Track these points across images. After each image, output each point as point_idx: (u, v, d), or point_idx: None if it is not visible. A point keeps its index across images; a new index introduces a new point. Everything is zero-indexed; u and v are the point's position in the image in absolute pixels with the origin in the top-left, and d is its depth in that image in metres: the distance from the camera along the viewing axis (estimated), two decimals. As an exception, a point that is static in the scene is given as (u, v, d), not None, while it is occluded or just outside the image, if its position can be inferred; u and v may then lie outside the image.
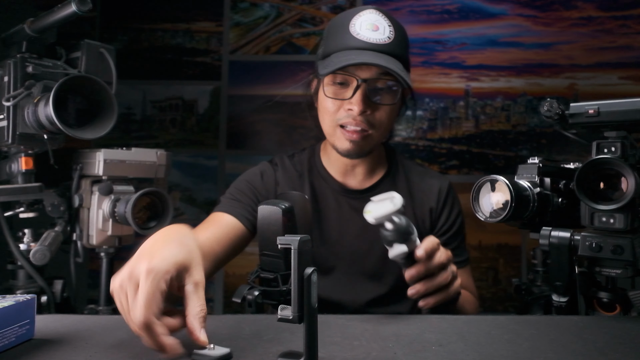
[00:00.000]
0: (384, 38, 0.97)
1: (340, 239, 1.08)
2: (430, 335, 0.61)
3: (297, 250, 0.48)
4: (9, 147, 1.13)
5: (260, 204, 0.73)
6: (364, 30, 0.97)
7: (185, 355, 0.53)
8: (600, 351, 0.55)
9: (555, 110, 0.72)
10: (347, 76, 0.96)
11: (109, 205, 1.18)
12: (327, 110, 1.00)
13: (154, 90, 2.12)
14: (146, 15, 2.13)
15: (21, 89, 1.08)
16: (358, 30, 0.97)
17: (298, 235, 0.49)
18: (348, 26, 0.98)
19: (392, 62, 0.94)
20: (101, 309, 1.21)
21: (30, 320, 0.59)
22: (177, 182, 2.11)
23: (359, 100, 0.95)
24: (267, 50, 2.09)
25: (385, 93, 0.99)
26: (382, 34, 0.97)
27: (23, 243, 1.15)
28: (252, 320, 0.67)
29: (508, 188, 0.72)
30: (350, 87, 0.97)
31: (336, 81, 0.98)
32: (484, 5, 2.03)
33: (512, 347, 0.57)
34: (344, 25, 0.99)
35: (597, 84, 1.98)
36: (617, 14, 1.97)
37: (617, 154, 0.70)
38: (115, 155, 1.20)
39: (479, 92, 2.02)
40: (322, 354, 0.54)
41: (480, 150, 2.02)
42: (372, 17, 0.99)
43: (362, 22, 0.98)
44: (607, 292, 0.75)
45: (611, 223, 0.70)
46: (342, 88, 0.98)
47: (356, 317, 0.69)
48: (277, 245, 0.50)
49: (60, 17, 1.03)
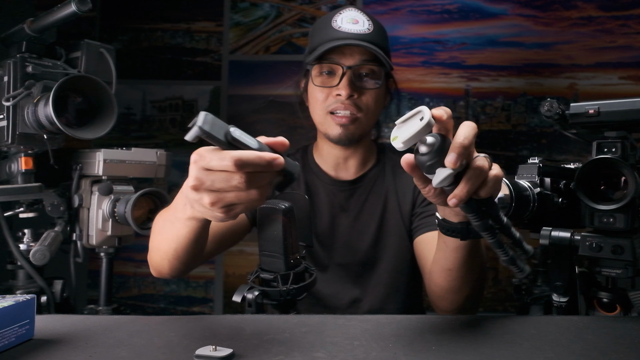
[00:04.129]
0: (363, 29, 1.06)
1: (332, 232, 1.11)
2: (430, 335, 0.61)
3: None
4: (9, 147, 1.13)
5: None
6: (345, 23, 1.06)
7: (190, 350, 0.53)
8: (600, 351, 0.55)
9: (556, 110, 0.72)
10: (332, 65, 1.05)
11: (108, 205, 1.18)
12: (317, 99, 1.07)
13: (154, 90, 2.11)
14: (146, 15, 2.13)
15: (21, 89, 1.08)
16: (339, 24, 1.07)
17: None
18: (330, 22, 1.08)
19: (373, 47, 1.03)
20: (101, 309, 1.21)
21: (30, 320, 0.59)
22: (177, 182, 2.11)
23: (346, 85, 1.03)
24: (267, 50, 2.09)
25: (369, 78, 1.07)
26: (361, 26, 1.06)
27: (23, 243, 1.15)
28: (252, 320, 0.67)
29: (508, 188, 0.72)
30: (336, 76, 1.05)
31: (323, 71, 1.07)
32: (484, 5, 2.02)
33: (512, 347, 0.56)
34: (326, 22, 1.09)
35: (597, 84, 1.98)
36: (617, 14, 1.97)
37: (617, 154, 0.70)
38: (115, 155, 1.20)
39: (479, 92, 2.02)
40: (322, 354, 0.54)
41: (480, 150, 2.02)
42: (352, 13, 1.09)
43: (343, 17, 1.08)
44: (607, 292, 0.75)
45: (611, 223, 0.70)
46: (329, 77, 1.06)
47: (356, 317, 0.69)
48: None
49: (60, 17, 1.03)
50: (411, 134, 0.55)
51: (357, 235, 1.10)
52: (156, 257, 0.87)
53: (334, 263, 1.10)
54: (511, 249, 0.66)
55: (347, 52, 1.04)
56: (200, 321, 0.67)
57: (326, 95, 1.06)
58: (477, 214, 0.61)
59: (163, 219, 0.84)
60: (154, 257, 0.89)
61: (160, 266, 0.88)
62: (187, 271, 0.88)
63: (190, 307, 2.07)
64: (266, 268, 0.73)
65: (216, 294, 2.06)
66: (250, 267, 0.79)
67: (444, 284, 0.91)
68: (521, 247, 0.66)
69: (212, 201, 0.55)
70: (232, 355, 0.52)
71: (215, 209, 0.56)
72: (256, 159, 0.53)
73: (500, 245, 0.64)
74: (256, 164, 0.53)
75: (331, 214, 1.11)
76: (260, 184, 0.55)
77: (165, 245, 0.81)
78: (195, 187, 0.55)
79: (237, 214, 0.58)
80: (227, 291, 2.05)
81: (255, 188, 0.54)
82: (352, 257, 1.10)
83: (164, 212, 0.87)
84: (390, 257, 1.09)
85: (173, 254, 0.80)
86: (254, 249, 0.78)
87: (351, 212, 1.11)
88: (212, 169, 0.54)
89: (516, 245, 0.66)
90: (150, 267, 0.92)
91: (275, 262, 0.72)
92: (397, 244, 1.09)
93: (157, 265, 0.89)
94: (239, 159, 0.52)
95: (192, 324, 0.66)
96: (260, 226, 0.73)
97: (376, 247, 1.10)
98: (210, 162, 0.54)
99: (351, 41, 1.03)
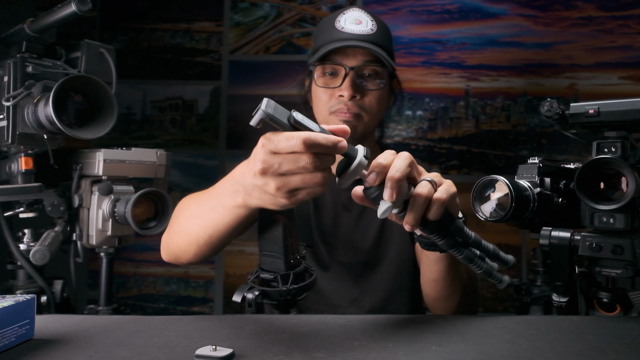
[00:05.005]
0: (367, 30, 1.06)
1: (335, 230, 1.11)
2: (430, 335, 0.61)
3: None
4: (9, 147, 1.13)
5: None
6: (348, 24, 1.06)
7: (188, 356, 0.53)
8: (600, 351, 0.55)
9: (555, 110, 0.72)
10: (335, 65, 1.05)
11: (108, 205, 1.18)
12: (320, 100, 1.08)
13: (154, 90, 2.11)
14: (146, 15, 2.13)
15: (21, 89, 1.08)
16: (343, 24, 1.06)
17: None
18: (334, 23, 1.08)
19: (375, 48, 1.03)
20: (101, 309, 1.21)
21: (30, 320, 0.59)
22: (177, 182, 2.11)
23: (348, 85, 1.03)
24: (267, 50, 2.09)
25: (372, 79, 1.07)
26: (365, 26, 1.06)
27: (23, 243, 1.15)
28: (252, 320, 0.67)
29: (508, 188, 0.72)
30: (339, 76, 1.05)
31: (326, 72, 1.07)
32: (484, 5, 2.02)
33: (512, 347, 0.56)
34: (330, 22, 1.09)
35: (597, 84, 1.97)
36: (617, 14, 1.97)
37: (617, 154, 0.70)
38: (115, 155, 1.20)
39: (479, 92, 2.02)
40: (322, 354, 0.54)
41: (480, 150, 2.02)
42: (355, 13, 1.09)
43: (347, 18, 1.08)
44: (607, 292, 0.75)
45: (611, 223, 0.69)
46: (332, 78, 1.06)
47: (356, 317, 0.69)
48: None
49: (60, 17, 1.03)
50: (348, 173, 0.58)
51: (360, 234, 1.10)
52: (182, 241, 0.84)
53: (336, 262, 1.10)
54: (490, 261, 0.67)
55: (350, 53, 1.04)
56: (200, 321, 0.67)
57: (329, 96, 1.06)
58: (437, 234, 0.63)
59: (198, 202, 0.81)
60: (178, 241, 0.86)
61: (183, 251, 0.85)
62: (209, 258, 0.86)
63: (190, 307, 2.07)
64: (266, 268, 0.73)
65: (216, 294, 2.06)
66: (250, 267, 0.79)
67: (432, 294, 0.93)
68: (499, 258, 0.67)
69: (278, 185, 0.56)
70: (232, 355, 0.52)
71: (280, 194, 0.56)
72: (324, 139, 0.54)
73: (471, 260, 0.66)
74: (323, 145, 0.53)
75: (334, 213, 1.11)
76: (324, 166, 0.55)
77: (200, 230, 0.79)
78: (264, 170, 0.55)
79: (299, 201, 0.58)
80: (227, 291, 2.05)
81: (321, 171, 0.55)
82: (354, 256, 1.10)
83: (196, 196, 0.84)
84: (392, 258, 1.10)
85: (207, 239, 0.79)
86: (254, 249, 0.78)
87: (354, 212, 1.11)
88: (279, 152, 0.54)
89: (492, 257, 0.67)
90: (164, 252, 0.90)
91: (275, 262, 0.72)
92: (399, 244, 1.10)
93: (179, 250, 0.86)
94: (307, 138, 0.53)
95: (192, 324, 0.66)
96: (260, 226, 0.73)
97: (378, 247, 1.10)
98: (279, 144, 0.54)
99: (353, 42, 1.03)
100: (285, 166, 0.55)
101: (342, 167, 0.58)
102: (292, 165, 0.54)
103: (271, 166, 0.55)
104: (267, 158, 0.55)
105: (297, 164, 0.54)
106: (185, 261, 0.87)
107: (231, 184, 0.67)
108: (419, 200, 0.60)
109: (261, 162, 0.55)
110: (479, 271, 0.66)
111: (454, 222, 0.64)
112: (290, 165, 0.54)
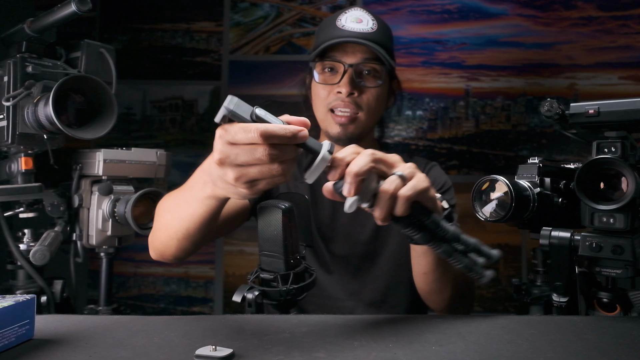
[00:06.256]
0: (367, 28, 1.07)
1: (333, 224, 1.12)
2: (430, 335, 0.61)
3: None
4: (9, 147, 1.13)
5: (260, 204, 0.73)
6: (349, 22, 1.08)
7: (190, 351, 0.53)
8: (600, 351, 0.55)
9: (555, 110, 0.72)
10: (334, 62, 1.07)
11: (108, 205, 1.18)
12: (319, 96, 1.09)
13: (154, 90, 2.11)
14: (146, 15, 2.13)
15: (21, 89, 1.08)
16: (343, 22, 1.08)
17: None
18: (335, 21, 1.09)
19: (374, 46, 1.04)
20: (101, 309, 1.21)
21: (30, 320, 0.59)
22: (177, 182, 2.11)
23: (347, 82, 1.04)
24: (267, 50, 2.09)
25: (371, 77, 1.08)
26: (365, 25, 1.07)
27: (23, 243, 1.15)
28: (252, 320, 0.67)
29: (508, 188, 0.72)
30: (338, 73, 1.06)
31: (325, 68, 1.09)
32: (484, 5, 2.02)
33: (512, 347, 0.56)
34: (331, 21, 1.10)
35: (597, 84, 1.97)
36: (617, 14, 1.97)
37: (617, 154, 0.70)
38: (115, 155, 1.20)
39: (479, 92, 2.02)
40: (322, 354, 0.54)
41: (480, 150, 2.02)
42: (356, 12, 1.10)
43: (348, 16, 1.09)
44: (607, 292, 0.75)
45: (611, 223, 0.69)
46: (331, 74, 1.08)
47: (356, 317, 0.69)
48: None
49: (60, 17, 1.03)
50: (312, 168, 0.58)
51: (358, 227, 1.11)
52: (163, 237, 0.86)
53: (335, 255, 1.11)
54: (476, 256, 0.66)
55: (349, 50, 1.05)
56: (200, 321, 0.67)
57: (327, 92, 1.07)
58: (412, 229, 0.63)
59: (174, 198, 0.84)
60: (160, 237, 0.87)
61: (165, 246, 0.86)
62: (193, 252, 0.88)
63: (190, 307, 2.07)
64: (266, 268, 0.73)
65: (216, 294, 2.06)
66: (250, 267, 0.79)
67: (423, 286, 0.94)
68: (481, 253, 0.66)
69: (236, 176, 0.56)
70: (232, 355, 0.52)
71: (239, 184, 0.57)
72: (280, 130, 0.54)
73: (449, 254, 0.65)
74: (280, 136, 0.54)
75: (332, 206, 1.12)
76: (283, 158, 0.55)
77: (177, 224, 0.80)
78: (221, 160, 0.56)
79: (260, 191, 0.59)
80: (227, 291, 2.05)
81: (279, 162, 0.55)
82: (353, 250, 1.11)
83: (174, 192, 0.86)
84: (391, 250, 1.10)
85: (184, 233, 0.80)
86: (254, 249, 0.78)
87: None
88: (237, 143, 0.55)
89: (475, 252, 0.66)
90: (151, 250, 0.91)
91: (275, 262, 0.72)
92: (397, 237, 1.10)
93: (162, 245, 0.87)
94: (264, 131, 0.53)
95: (192, 324, 0.66)
96: (260, 226, 0.73)
97: (377, 240, 1.11)
98: (236, 136, 0.54)
99: (352, 39, 1.04)
100: (242, 157, 0.55)
101: (308, 163, 0.59)
102: (249, 156, 0.54)
103: (228, 157, 0.55)
104: (224, 149, 0.55)
105: (253, 155, 0.54)
106: (170, 256, 0.88)
107: (201, 176, 0.69)
108: (384, 196, 0.61)
109: (219, 152, 0.56)
110: (459, 266, 0.65)
111: (429, 216, 0.64)
112: (247, 156, 0.55)
